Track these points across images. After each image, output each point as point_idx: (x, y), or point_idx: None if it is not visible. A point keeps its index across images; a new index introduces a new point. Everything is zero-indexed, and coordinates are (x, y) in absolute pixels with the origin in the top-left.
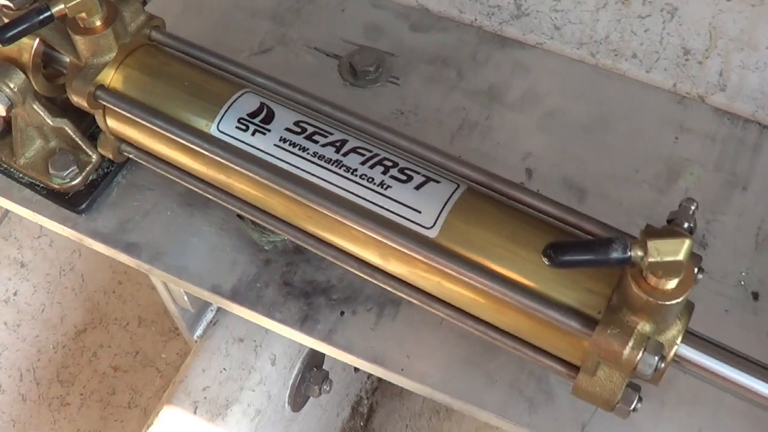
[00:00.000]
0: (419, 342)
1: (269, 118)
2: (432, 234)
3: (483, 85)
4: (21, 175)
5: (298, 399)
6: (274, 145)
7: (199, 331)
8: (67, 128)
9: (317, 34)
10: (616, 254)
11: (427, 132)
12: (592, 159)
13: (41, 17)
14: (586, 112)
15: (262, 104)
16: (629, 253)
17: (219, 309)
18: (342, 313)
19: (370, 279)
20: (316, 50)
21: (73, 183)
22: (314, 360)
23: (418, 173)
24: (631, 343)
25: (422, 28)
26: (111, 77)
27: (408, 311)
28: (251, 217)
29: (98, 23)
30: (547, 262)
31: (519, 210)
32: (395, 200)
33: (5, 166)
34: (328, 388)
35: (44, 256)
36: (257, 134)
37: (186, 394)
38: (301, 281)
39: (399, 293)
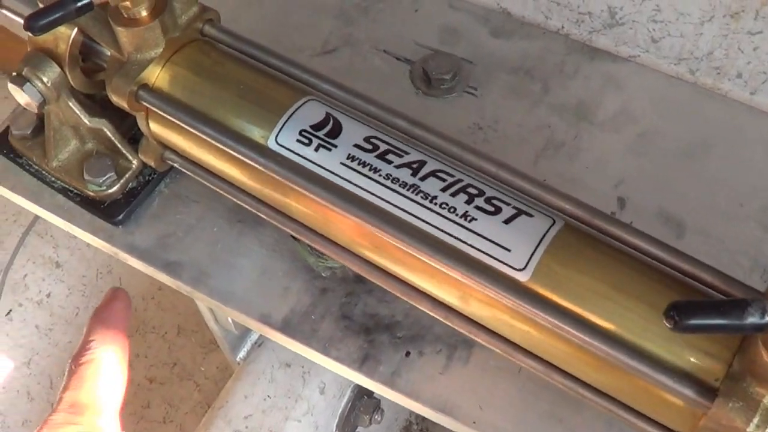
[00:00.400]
0: (494, 390)
1: (336, 131)
2: (523, 277)
3: (571, 100)
4: (53, 179)
5: (346, 429)
6: (341, 163)
7: (242, 353)
8: (105, 129)
9: (387, 35)
10: (752, 319)
11: (508, 151)
12: (692, 189)
13: (79, 5)
14: (685, 135)
15: (329, 115)
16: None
17: None
18: (407, 353)
19: (445, 321)
20: (385, 53)
21: (110, 191)
22: (365, 387)
23: (507, 204)
24: (756, 420)
25: (504, 33)
26: (156, 76)
27: (482, 354)
28: (308, 241)
29: (144, 14)
30: (669, 326)
31: (623, 251)
32: (481, 235)
33: (36, 167)
34: (379, 418)
35: (81, 256)
36: (321, 150)
37: (226, 422)
38: (361, 315)
39: (477, 339)
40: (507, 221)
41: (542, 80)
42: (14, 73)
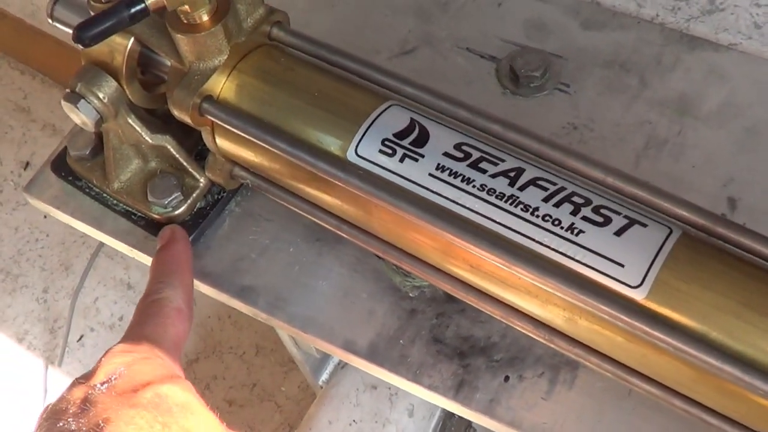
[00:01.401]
0: (602, 416)
1: (423, 139)
2: (639, 295)
3: (671, 94)
4: (115, 202)
5: None
6: (429, 174)
7: (325, 375)
8: (169, 146)
9: (469, 32)
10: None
11: (607, 151)
12: None
13: (132, 11)
14: None
15: (413, 121)
16: None
17: None
18: (506, 378)
19: (549, 345)
20: (468, 51)
21: (177, 212)
22: None
23: (618, 213)
24: None
25: (595, 25)
26: (221, 86)
27: (588, 377)
28: (393, 261)
29: (205, 18)
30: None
31: (750, 263)
32: (590, 250)
33: (97, 190)
34: None
35: None
36: (407, 160)
37: None
38: (454, 337)
39: (587, 363)
40: (618, 233)
41: (639, 74)
42: (67, 90)
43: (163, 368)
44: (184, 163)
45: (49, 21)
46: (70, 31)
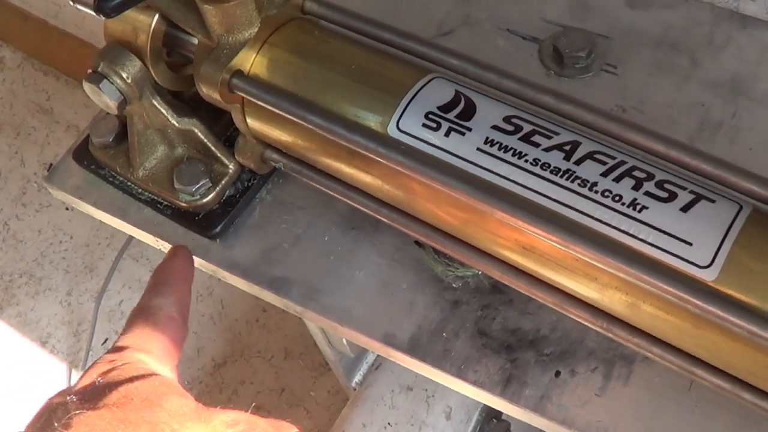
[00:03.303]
0: (661, 413)
1: (469, 112)
2: (710, 276)
3: (724, 74)
4: (140, 191)
5: None
6: (477, 149)
7: (358, 377)
8: (196, 130)
9: (510, 12)
10: None
11: None
12: None
13: None
14: None
15: (459, 93)
16: None
17: None
18: (557, 373)
19: (607, 334)
20: (509, 32)
21: (205, 200)
22: (494, 410)
23: (683, 188)
24: None
25: (642, 4)
26: (252, 60)
27: (645, 371)
28: (437, 246)
29: None
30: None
31: None
32: (654, 227)
33: (121, 179)
34: None
35: None
36: (453, 134)
37: None
38: (501, 330)
39: (649, 353)
40: (684, 209)
41: (690, 53)
42: (90, 70)
43: (138, 371)
44: (213, 148)
45: (71, 3)
46: (91, 12)
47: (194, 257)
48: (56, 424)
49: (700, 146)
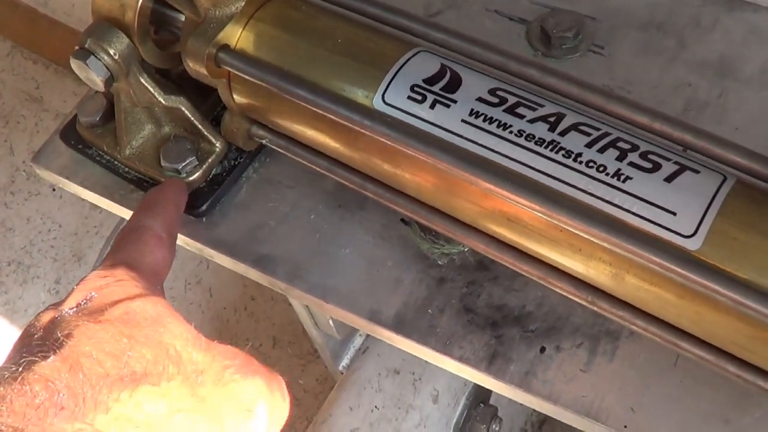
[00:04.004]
0: (647, 389)
1: (454, 84)
2: (693, 245)
3: (711, 55)
4: (127, 170)
5: None
6: (462, 120)
7: (345, 361)
8: (183, 108)
9: None
10: None
11: None
12: None
13: None
14: None
15: (444, 66)
16: None
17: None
18: (542, 349)
19: (591, 307)
20: (496, 13)
21: (192, 178)
22: (481, 394)
23: (667, 159)
24: None
25: None
26: (238, 35)
27: (630, 347)
28: (423, 221)
29: None
30: None
31: None
32: (638, 197)
33: (108, 158)
34: (497, 428)
35: None
36: (438, 106)
37: None
38: (486, 306)
39: (633, 326)
40: (668, 179)
41: (677, 35)
42: (77, 47)
43: (136, 288)
44: (200, 126)
45: None
46: None
47: (180, 235)
48: (59, 334)
49: None
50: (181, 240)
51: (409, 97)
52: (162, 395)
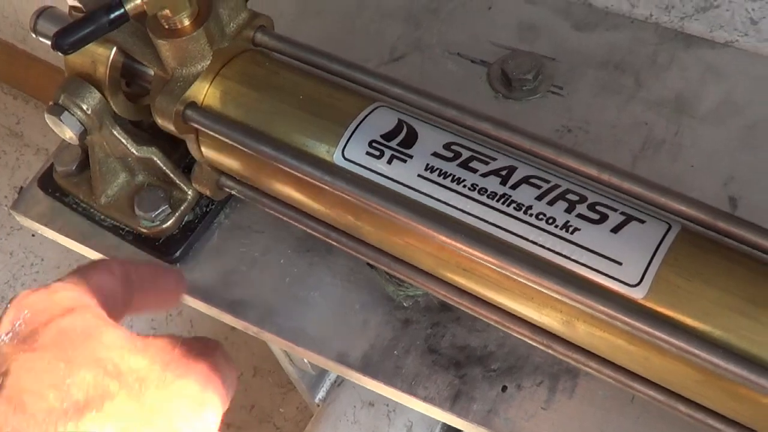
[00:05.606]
0: (606, 425)
1: (411, 139)
2: (638, 294)
3: (668, 93)
4: (102, 218)
5: None
6: (418, 175)
7: (321, 393)
8: (155, 158)
9: (460, 36)
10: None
11: (603, 153)
12: None
13: (112, 16)
14: None
15: (401, 122)
16: None
17: None
18: (504, 388)
19: (546, 350)
20: (458, 56)
21: (165, 226)
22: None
23: (614, 210)
24: None
25: (587, 26)
26: (205, 92)
27: (589, 384)
28: (385, 268)
29: (186, 22)
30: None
31: (753, 257)
32: (586, 248)
33: (84, 206)
34: None
35: None
36: (395, 162)
37: None
38: (450, 347)
39: (587, 368)
40: (615, 230)
41: (634, 74)
42: (51, 102)
43: (67, 300)
44: (172, 176)
45: (33, 35)
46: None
47: None
48: None
49: (643, 164)
50: None
51: (367, 153)
52: (107, 418)
